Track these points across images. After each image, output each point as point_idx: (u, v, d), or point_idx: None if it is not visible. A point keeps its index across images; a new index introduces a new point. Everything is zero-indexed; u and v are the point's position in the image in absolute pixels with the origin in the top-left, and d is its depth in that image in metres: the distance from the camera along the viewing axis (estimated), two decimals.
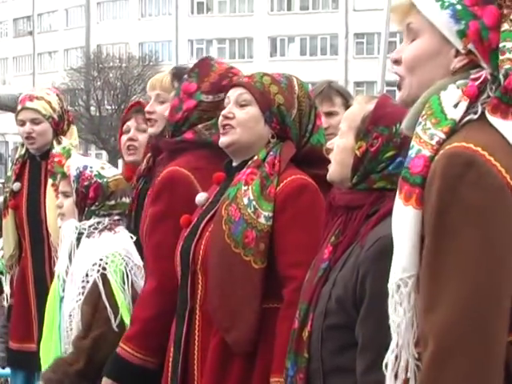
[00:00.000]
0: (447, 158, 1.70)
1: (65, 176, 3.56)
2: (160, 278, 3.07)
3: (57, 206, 3.60)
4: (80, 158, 3.66)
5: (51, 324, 3.56)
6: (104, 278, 3.36)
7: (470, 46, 1.78)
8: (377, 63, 9.43)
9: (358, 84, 43.70)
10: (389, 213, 2.26)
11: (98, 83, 39.96)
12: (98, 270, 3.36)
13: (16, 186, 4.53)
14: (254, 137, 2.89)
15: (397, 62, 1.93)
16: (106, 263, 3.38)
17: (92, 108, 38.54)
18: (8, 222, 4.54)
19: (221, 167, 3.02)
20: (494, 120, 1.73)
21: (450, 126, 1.75)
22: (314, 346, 2.30)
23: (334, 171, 2.44)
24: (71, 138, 4.53)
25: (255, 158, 2.86)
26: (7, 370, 4.89)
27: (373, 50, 42.82)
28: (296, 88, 2.92)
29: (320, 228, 2.58)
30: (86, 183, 3.49)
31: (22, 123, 4.50)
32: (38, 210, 4.44)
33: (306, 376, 2.32)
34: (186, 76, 3.21)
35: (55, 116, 4.47)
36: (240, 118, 2.89)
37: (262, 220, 2.76)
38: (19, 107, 4.54)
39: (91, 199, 3.49)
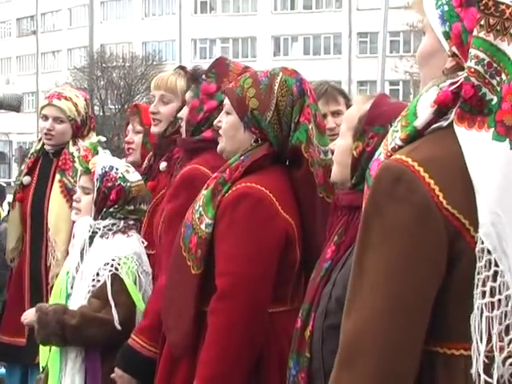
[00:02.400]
0: (380, 169, 1.70)
1: (88, 172, 3.54)
2: None
3: (74, 200, 3.59)
4: (107, 157, 3.64)
5: None
6: (115, 277, 3.37)
7: (454, 49, 1.75)
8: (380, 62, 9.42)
9: (361, 83, 43.65)
10: None
11: (102, 83, 39.94)
12: (110, 270, 3.37)
13: (26, 179, 4.55)
14: (236, 144, 2.89)
15: None
16: (119, 264, 3.40)
17: (95, 108, 38.51)
18: (14, 214, 4.56)
19: None
20: (459, 129, 1.70)
21: (408, 133, 1.73)
22: (316, 346, 2.31)
23: (335, 172, 2.46)
24: None
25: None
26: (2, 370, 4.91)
27: (376, 49, 42.58)
28: (275, 87, 2.82)
29: (261, 238, 2.65)
30: (109, 184, 3.48)
31: (45, 118, 4.51)
32: (42, 205, 4.45)
33: (307, 375, 2.34)
34: (203, 76, 3.21)
35: (78, 120, 4.48)
36: (223, 127, 2.92)
37: (202, 226, 2.76)
38: (45, 102, 4.56)
39: (111, 201, 3.49)
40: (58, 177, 4.42)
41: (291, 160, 2.86)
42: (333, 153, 2.51)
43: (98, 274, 3.39)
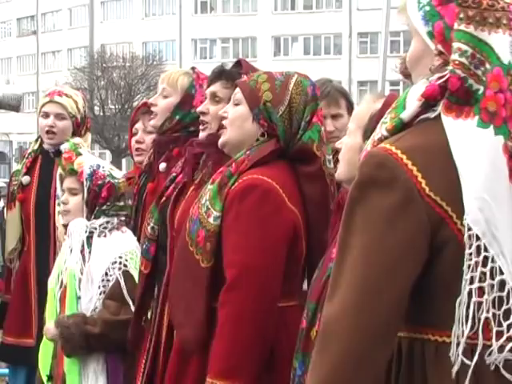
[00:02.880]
0: (366, 156, 1.74)
1: (74, 172, 3.54)
2: None
3: (61, 202, 3.58)
4: (92, 157, 3.66)
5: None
6: (126, 274, 3.39)
7: (439, 47, 1.78)
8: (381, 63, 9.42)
9: (361, 83, 43.67)
10: None
11: (102, 83, 39.98)
12: (120, 268, 3.39)
13: (25, 179, 4.51)
14: (243, 135, 2.87)
15: None
16: (126, 260, 3.42)
17: (96, 107, 38.55)
18: (14, 214, 4.51)
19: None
20: (446, 119, 1.72)
21: (394, 124, 1.76)
22: None
23: (341, 170, 2.45)
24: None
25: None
26: (6, 370, 4.87)
27: (376, 50, 42.74)
28: (291, 85, 2.85)
29: (269, 229, 2.65)
30: (99, 182, 3.50)
31: (46, 116, 4.48)
32: (47, 205, 4.43)
33: None
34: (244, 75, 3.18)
35: (78, 117, 4.49)
36: (230, 117, 2.90)
37: (210, 219, 2.76)
38: (46, 99, 4.52)
39: (103, 199, 3.51)
40: None
41: (296, 158, 2.85)
42: (338, 152, 2.50)
43: (106, 274, 3.39)
